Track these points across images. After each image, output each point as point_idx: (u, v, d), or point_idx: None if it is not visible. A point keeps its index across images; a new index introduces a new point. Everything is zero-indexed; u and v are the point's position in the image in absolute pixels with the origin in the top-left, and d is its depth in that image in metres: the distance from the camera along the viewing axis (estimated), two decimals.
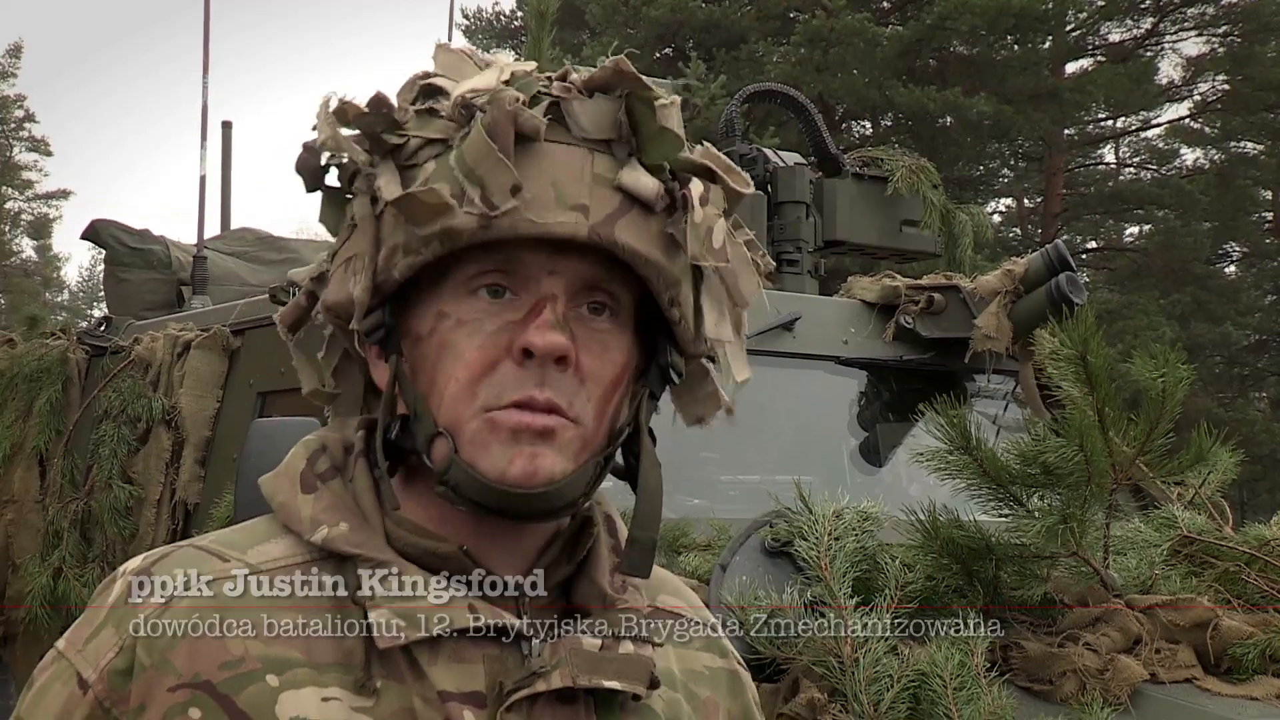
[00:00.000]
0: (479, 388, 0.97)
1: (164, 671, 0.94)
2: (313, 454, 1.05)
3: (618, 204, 0.97)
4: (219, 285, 5.13)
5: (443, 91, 1.01)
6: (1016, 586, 2.67)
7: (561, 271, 0.98)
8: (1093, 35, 21.56)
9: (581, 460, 0.99)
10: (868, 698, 2.29)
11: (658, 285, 1.00)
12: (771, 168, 4.26)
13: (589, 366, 0.98)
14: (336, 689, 0.94)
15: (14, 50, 34.91)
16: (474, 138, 0.95)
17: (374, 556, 0.99)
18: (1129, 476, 2.83)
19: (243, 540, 1.02)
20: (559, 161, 0.96)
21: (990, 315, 3.64)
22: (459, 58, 1.04)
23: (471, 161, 0.95)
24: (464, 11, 23.25)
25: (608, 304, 1.00)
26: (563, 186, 0.96)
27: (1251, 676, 2.54)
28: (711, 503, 3.33)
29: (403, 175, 0.98)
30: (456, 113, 0.98)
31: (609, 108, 0.99)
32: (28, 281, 37.01)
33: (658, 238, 0.99)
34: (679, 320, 1.02)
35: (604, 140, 0.98)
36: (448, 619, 0.97)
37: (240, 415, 3.93)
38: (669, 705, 1.05)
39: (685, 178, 1.01)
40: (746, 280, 1.07)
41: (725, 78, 14.22)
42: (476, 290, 0.98)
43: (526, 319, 0.97)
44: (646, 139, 0.99)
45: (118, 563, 4.19)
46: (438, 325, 0.99)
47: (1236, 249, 25.17)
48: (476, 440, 0.97)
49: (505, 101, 0.96)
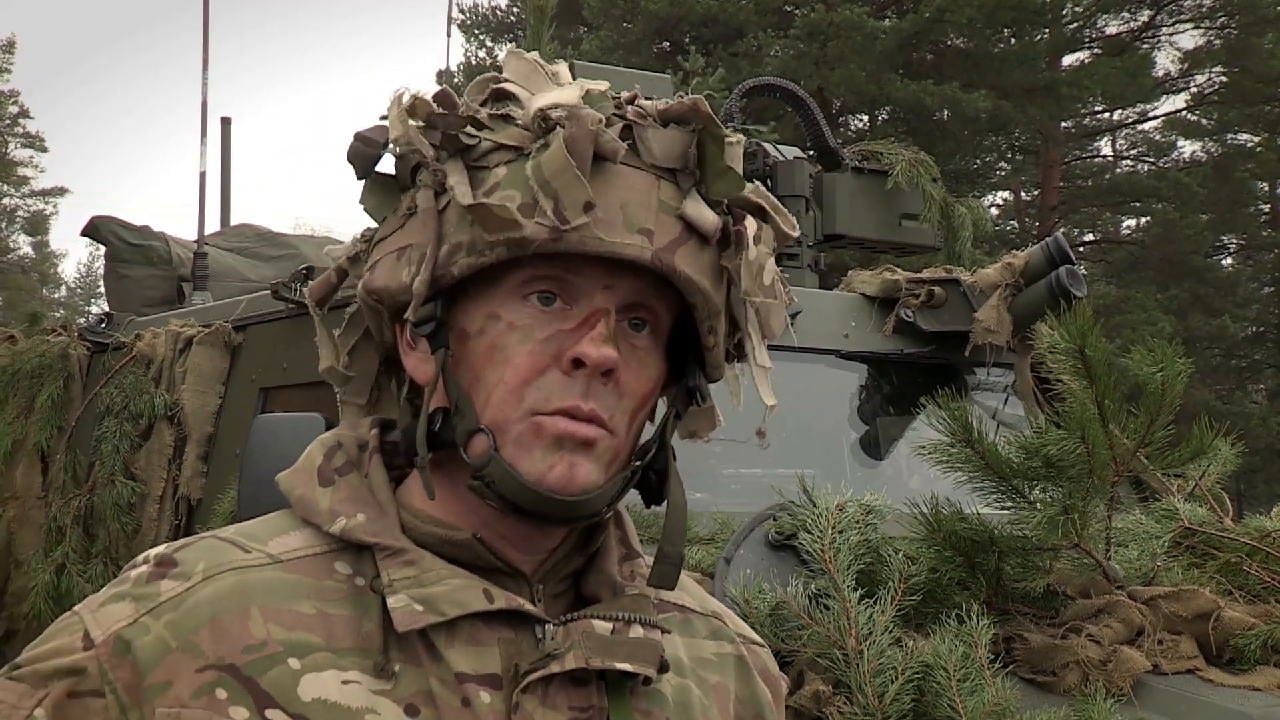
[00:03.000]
0: (526, 391, 1.00)
1: (191, 653, 0.96)
2: (329, 450, 1.08)
3: (679, 232, 1.01)
4: (219, 281, 5.14)
5: (514, 98, 1.04)
6: (1019, 578, 2.68)
7: (616, 288, 1.01)
8: (1090, 28, 21.56)
9: (611, 472, 1.03)
10: (872, 690, 2.30)
11: (702, 313, 1.04)
12: (771, 162, 4.26)
13: (627, 381, 1.02)
14: (356, 672, 0.97)
15: (7, 46, 34.85)
16: (554, 151, 0.97)
17: (391, 545, 1.02)
18: (1130, 469, 2.84)
19: (262, 532, 1.05)
20: (629, 184, 1.00)
21: (990, 308, 3.65)
22: (531, 66, 1.07)
23: (549, 174, 0.97)
24: (460, 6, 23.21)
25: (649, 320, 1.04)
26: (631, 209, 0.99)
27: (1253, 667, 2.55)
28: (713, 496, 3.33)
29: (471, 176, 1.01)
30: (535, 123, 1.01)
31: (682, 139, 1.03)
32: (24, 278, 36.98)
33: (709, 268, 1.03)
34: (713, 347, 1.07)
35: (670, 169, 1.02)
36: (464, 603, 0.99)
37: (242, 411, 3.93)
38: (678, 690, 1.08)
39: (740, 214, 1.05)
40: (777, 315, 1.12)
41: (723, 71, 14.19)
42: (529, 295, 1.01)
43: (578, 329, 1.00)
44: (712, 175, 1.03)
45: (120, 558, 4.18)
46: (488, 326, 1.02)
47: (1234, 241, 25.21)
48: (521, 442, 1.00)
49: (588, 120, 0.99)
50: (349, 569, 1.02)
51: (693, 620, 1.16)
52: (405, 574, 1.00)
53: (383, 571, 1.01)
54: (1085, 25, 21.35)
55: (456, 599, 0.99)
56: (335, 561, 1.02)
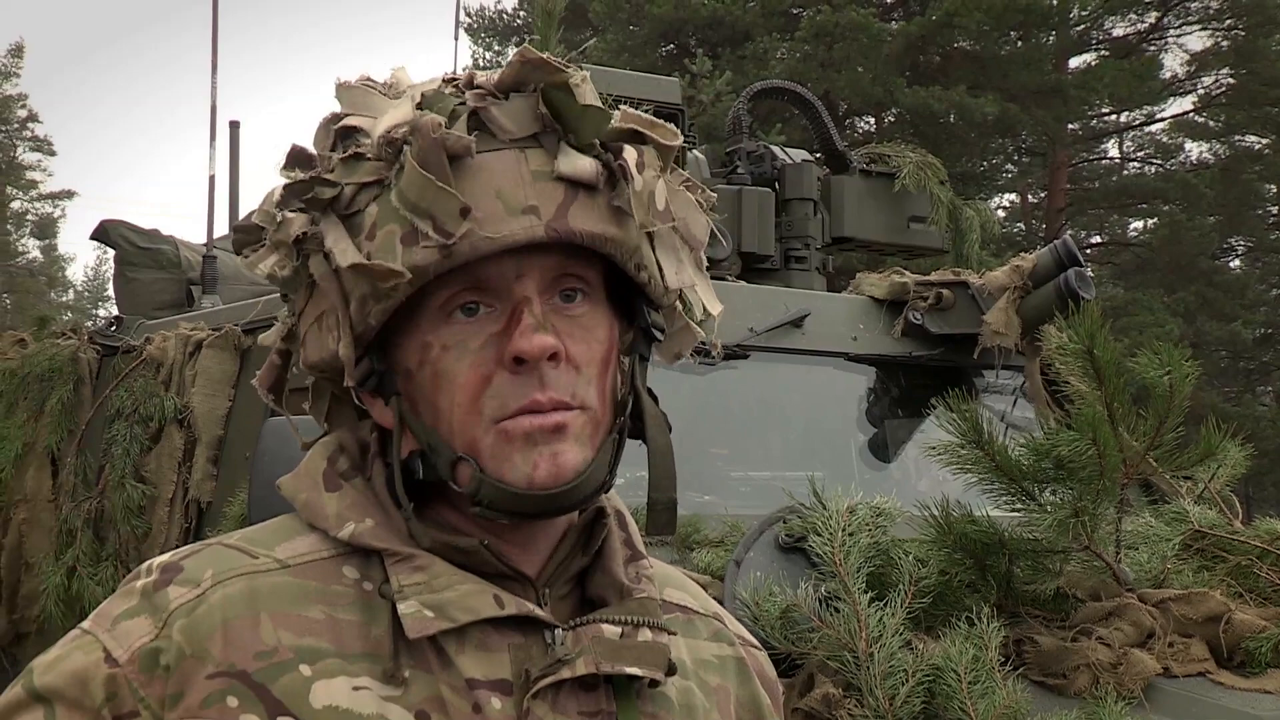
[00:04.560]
0: (482, 403, 0.99)
1: (203, 659, 0.96)
2: (331, 454, 1.07)
3: (563, 194, 0.98)
4: (228, 284, 5.14)
5: (360, 130, 1.02)
6: (1029, 581, 2.68)
7: (528, 273, 0.99)
8: (1097, 30, 21.54)
9: (597, 443, 1.02)
10: (883, 692, 2.30)
11: (621, 257, 1.01)
12: (779, 165, 4.27)
13: (578, 353, 1.00)
14: (367, 679, 0.97)
15: (16, 50, 34.99)
16: (409, 174, 0.96)
17: (401, 550, 1.01)
18: (1139, 471, 2.84)
19: (269, 538, 1.04)
20: (496, 170, 0.97)
21: (999, 311, 3.65)
22: (364, 92, 1.05)
23: (414, 197, 0.96)
24: (466, 10, 23.23)
25: (579, 288, 1.02)
26: (507, 194, 0.97)
27: (1264, 670, 2.55)
28: (722, 499, 3.34)
29: (347, 225, 0.99)
30: (383, 152, 0.99)
31: (527, 104, 1.00)
32: (33, 281, 37.04)
33: (607, 213, 1.00)
34: (647, 281, 1.04)
35: (531, 135, 0.99)
36: (475, 608, 0.99)
37: (252, 414, 3.94)
38: (682, 693, 1.08)
39: (618, 147, 1.02)
40: (696, 224, 1.09)
41: (730, 74, 14.21)
42: (452, 313, 1.00)
43: (509, 328, 0.99)
44: (573, 122, 0.99)
45: (130, 561, 4.18)
46: (425, 356, 1.00)
47: (1241, 243, 25.12)
48: (496, 454, 0.99)
49: (428, 129, 0.96)
50: (356, 573, 1.02)
51: (695, 621, 1.16)
52: (415, 580, 0.99)
53: (392, 577, 1.00)
54: (1092, 27, 21.33)
55: (468, 605, 0.99)
56: (343, 566, 1.02)
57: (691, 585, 1.21)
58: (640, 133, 1.04)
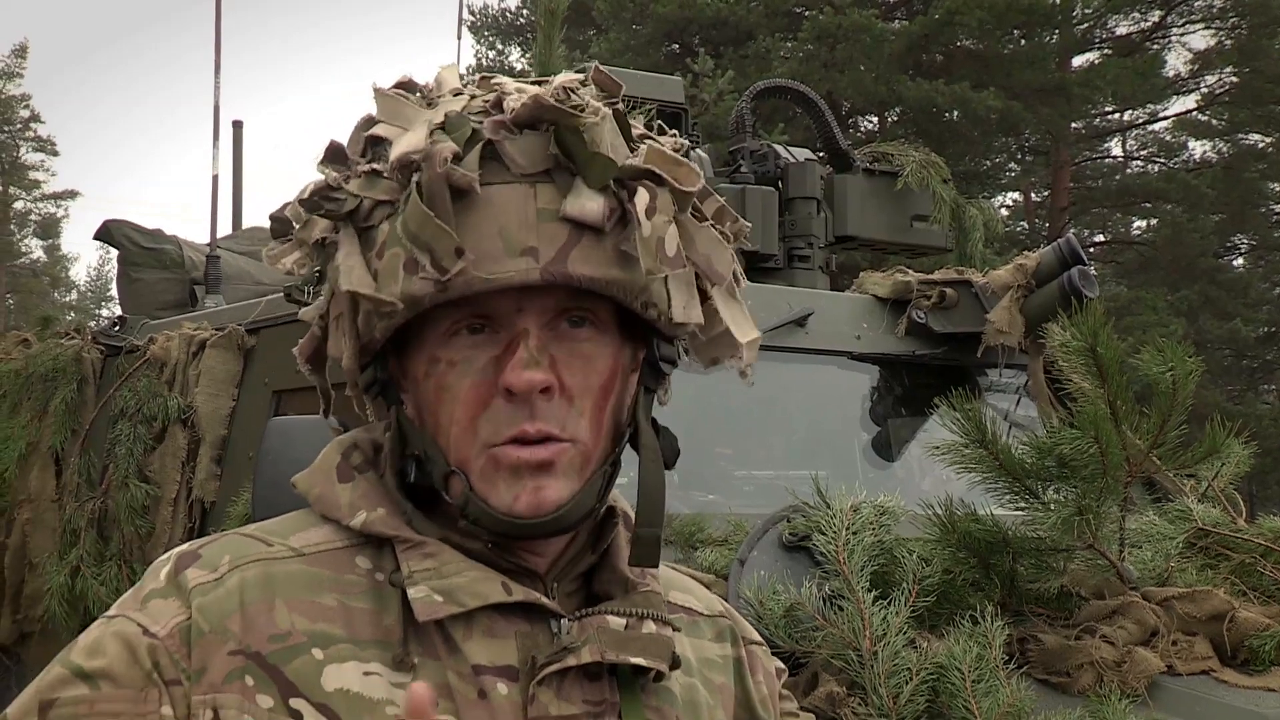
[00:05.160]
0: (478, 424, 1.01)
1: (224, 636, 0.98)
2: (346, 450, 1.10)
3: (567, 236, 0.98)
4: (232, 284, 5.15)
5: (385, 141, 1.03)
6: (1033, 579, 2.67)
7: (528, 308, 1.00)
8: (1100, 29, 21.52)
9: (586, 475, 1.03)
10: (887, 690, 2.30)
11: (626, 298, 1.01)
12: (782, 164, 4.26)
13: (574, 384, 1.01)
14: (377, 664, 0.99)
15: (19, 50, 35.06)
16: (412, 206, 0.97)
17: (411, 537, 1.03)
18: (1143, 469, 2.84)
19: (284, 528, 1.07)
20: (502, 205, 0.97)
21: (1003, 310, 3.65)
22: (396, 101, 1.05)
23: (415, 229, 0.97)
24: (470, 9, 23.24)
25: (588, 316, 1.02)
26: (510, 232, 0.97)
27: (1269, 668, 2.54)
28: (726, 498, 3.34)
29: (363, 238, 1.01)
30: (396, 175, 1.00)
31: (540, 142, 0.99)
32: (36, 281, 37.11)
33: (613, 255, 0.99)
34: (656, 317, 1.04)
35: (544, 171, 0.99)
36: (484, 594, 1.01)
37: (256, 414, 3.94)
38: (686, 689, 1.09)
39: (633, 187, 1.01)
40: (720, 260, 1.08)
41: (733, 74, 14.20)
42: (459, 331, 1.01)
43: (504, 356, 1.00)
44: (582, 166, 0.99)
45: (135, 561, 4.19)
46: (431, 369, 1.02)
47: (1244, 242, 25.12)
48: (484, 477, 1.01)
49: (437, 161, 0.96)
50: (369, 564, 1.04)
51: (699, 623, 1.17)
52: (425, 566, 1.01)
53: (403, 563, 1.02)
54: (1095, 26, 21.31)
55: (476, 590, 1.01)
56: (356, 556, 1.04)
57: (697, 588, 1.23)
58: (658, 176, 1.02)
